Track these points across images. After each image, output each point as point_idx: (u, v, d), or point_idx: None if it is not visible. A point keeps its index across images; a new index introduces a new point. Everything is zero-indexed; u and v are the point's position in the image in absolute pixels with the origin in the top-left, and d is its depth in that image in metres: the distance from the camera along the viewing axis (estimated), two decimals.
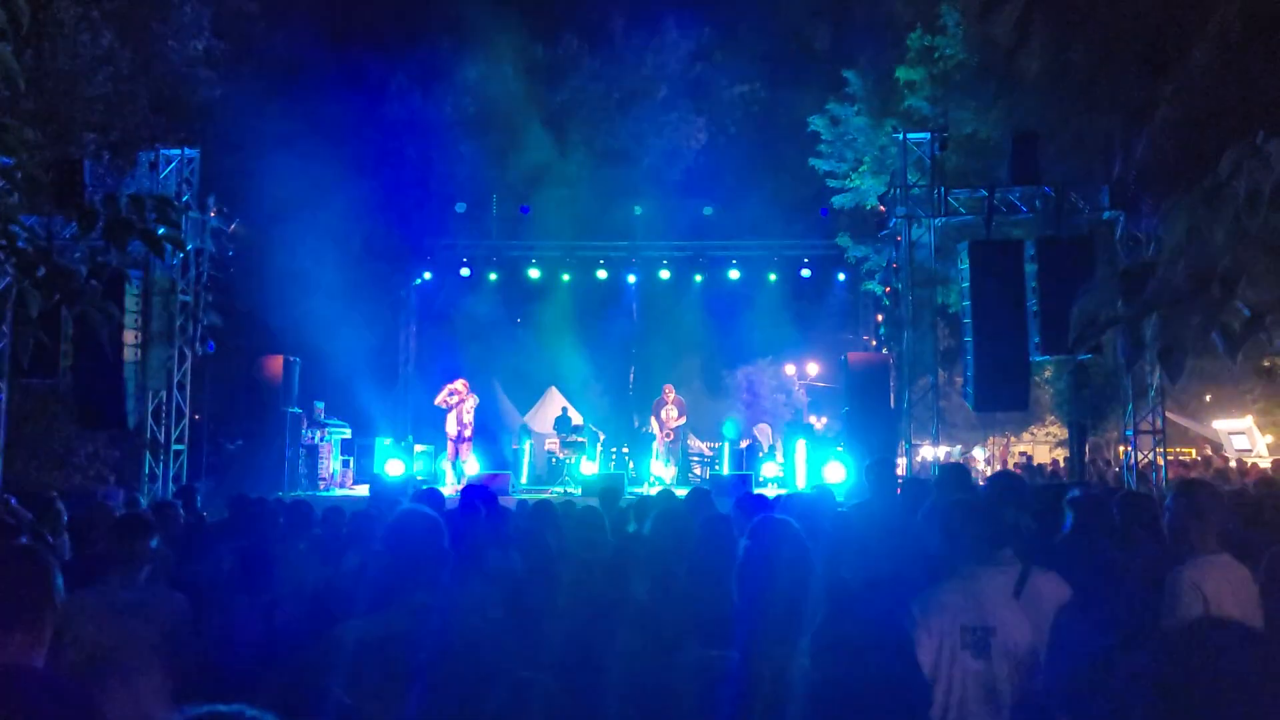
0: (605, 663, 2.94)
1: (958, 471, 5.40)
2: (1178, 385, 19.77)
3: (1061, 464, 21.29)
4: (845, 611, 2.29)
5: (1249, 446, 19.99)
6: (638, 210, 20.11)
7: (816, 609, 2.09)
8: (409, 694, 2.29)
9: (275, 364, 14.90)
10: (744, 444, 17.36)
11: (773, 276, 19.38)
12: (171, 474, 13.75)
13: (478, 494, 5.59)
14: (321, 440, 15.97)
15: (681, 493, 6.79)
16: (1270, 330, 1.62)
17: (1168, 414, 15.30)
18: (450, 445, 15.40)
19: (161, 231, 3.15)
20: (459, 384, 15.51)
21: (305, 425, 15.49)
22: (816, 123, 19.21)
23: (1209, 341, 1.61)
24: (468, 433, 15.41)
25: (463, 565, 3.98)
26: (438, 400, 15.50)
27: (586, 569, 3.85)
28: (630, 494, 14.12)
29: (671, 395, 16.18)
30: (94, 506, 6.35)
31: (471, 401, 15.46)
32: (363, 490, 14.72)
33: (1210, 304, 1.57)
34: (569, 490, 14.27)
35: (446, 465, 15.43)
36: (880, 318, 18.97)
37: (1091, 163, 14.92)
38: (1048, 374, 17.86)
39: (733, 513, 4.68)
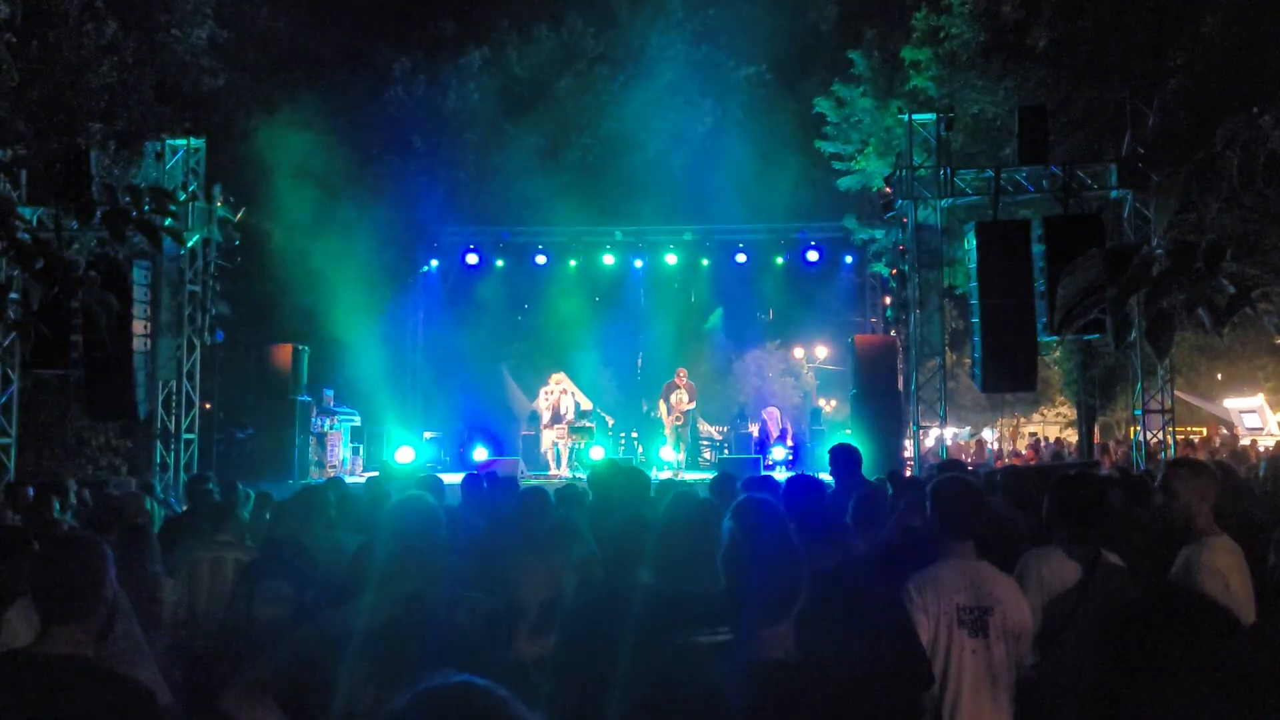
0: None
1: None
2: (1188, 364, 19.63)
3: (1072, 444, 21.25)
4: (834, 592, 2.29)
5: (1260, 425, 19.87)
6: (644, 195, 20.05)
7: (801, 590, 2.09)
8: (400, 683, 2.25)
9: (284, 352, 14.95)
10: (753, 428, 17.35)
11: (779, 260, 19.32)
12: (183, 463, 13.85)
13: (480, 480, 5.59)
14: (331, 428, 16.05)
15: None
16: (1259, 304, 1.62)
17: (1178, 393, 15.22)
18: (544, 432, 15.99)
19: (168, 223, 3.16)
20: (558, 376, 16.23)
21: (315, 413, 15.56)
22: (822, 104, 19.09)
23: (1195, 318, 1.61)
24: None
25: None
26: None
27: None
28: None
29: (684, 379, 16.17)
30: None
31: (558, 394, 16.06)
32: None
33: (1195, 280, 1.56)
34: (577, 476, 14.30)
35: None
36: (888, 300, 18.89)
37: (1099, 140, 14.80)
38: (1057, 354, 17.74)
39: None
